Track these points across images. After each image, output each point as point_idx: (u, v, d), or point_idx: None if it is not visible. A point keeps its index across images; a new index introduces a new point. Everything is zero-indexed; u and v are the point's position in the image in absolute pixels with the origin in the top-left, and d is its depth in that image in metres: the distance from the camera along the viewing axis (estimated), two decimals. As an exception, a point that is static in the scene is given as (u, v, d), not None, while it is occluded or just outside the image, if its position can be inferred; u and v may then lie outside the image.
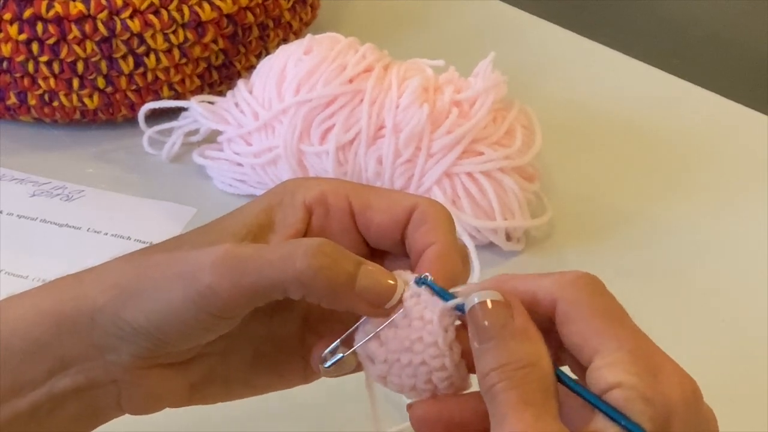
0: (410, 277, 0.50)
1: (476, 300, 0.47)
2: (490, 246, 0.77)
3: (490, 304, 0.47)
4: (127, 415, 0.53)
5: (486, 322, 0.46)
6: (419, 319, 0.49)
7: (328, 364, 0.51)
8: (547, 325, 0.48)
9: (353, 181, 0.54)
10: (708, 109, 0.91)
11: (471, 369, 0.49)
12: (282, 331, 0.54)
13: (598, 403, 0.45)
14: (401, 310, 0.49)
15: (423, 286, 0.49)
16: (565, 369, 0.49)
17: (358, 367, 0.51)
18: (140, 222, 0.79)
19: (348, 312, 0.50)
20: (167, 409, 0.54)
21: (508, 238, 0.77)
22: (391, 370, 0.49)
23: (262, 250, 0.49)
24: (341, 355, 0.51)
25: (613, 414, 0.45)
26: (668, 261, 0.78)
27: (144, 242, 0.78)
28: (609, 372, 0.46)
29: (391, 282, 0.49)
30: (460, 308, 0.49)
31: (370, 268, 0.49)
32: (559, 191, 0.81)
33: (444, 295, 0.49)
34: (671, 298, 0.75)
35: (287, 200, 0.53)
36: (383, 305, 0.49)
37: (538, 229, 0.78)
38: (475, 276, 0.74)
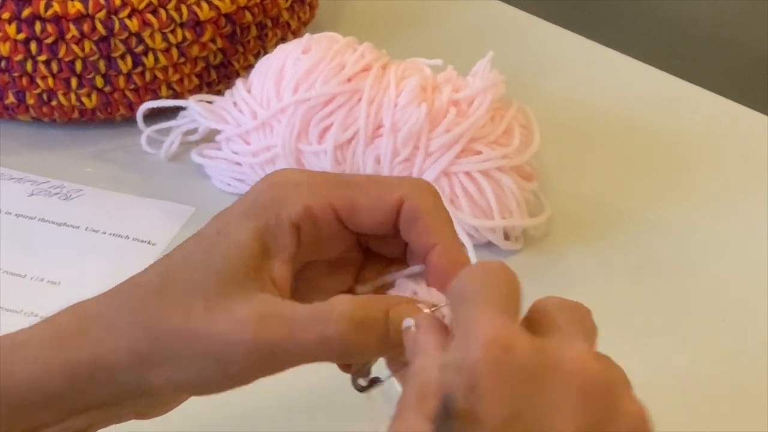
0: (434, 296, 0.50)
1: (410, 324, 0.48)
2: (489, 245, 0.77)
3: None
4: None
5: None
6: None
7: (362, 387, 0.51)
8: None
9: (334, 179, 0.52)
10: (708, 109, 0.91)
11: None
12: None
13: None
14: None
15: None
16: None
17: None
18: (139, 221, 0.79)
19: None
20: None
21: (507, 237, 0.77)
22: None
23: (294, 329, 0.48)
24: (380, 378, 0.51)
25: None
26: (667, 261, 0.78)
27: (142, 241, 0.78)
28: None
29: (416, 309, 0.49)
30: None
31: (398, 309, 0.48)
32: (557, 190, 0.81)
33: None
34: (670, 297, 0.75)
35: (273, 222, 0.50)
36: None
37: (537, 228, 0.78)
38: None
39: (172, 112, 0.84)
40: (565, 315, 0.47)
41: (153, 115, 0.84)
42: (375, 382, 0.50)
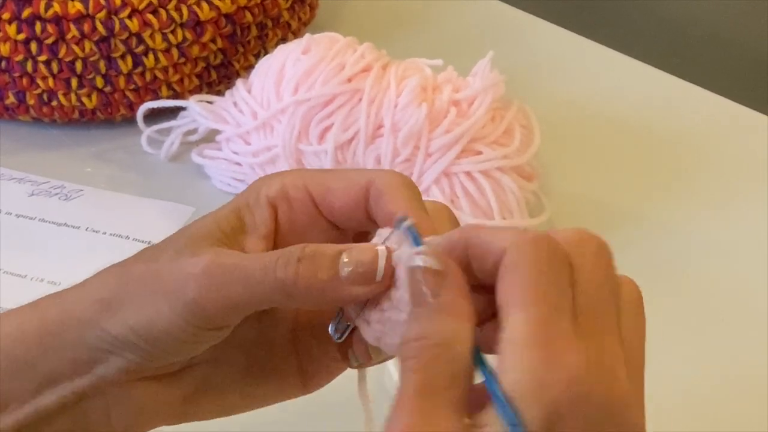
0: (387, 231, 0.49)
1: (419, 263, 0.45)
2: (489, 245, 0.76)
3: (424, 273, 0.45)
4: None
5: (420, 287, 0.45)
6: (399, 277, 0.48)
7: (338, 335, 0.50)
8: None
9: (313, 169, 0.53)
10: (708, 109, 0.91)
11: None
12: (273, 333, 0.53)
13: (496, 399, 0.43)
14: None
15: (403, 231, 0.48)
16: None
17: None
18: (139, 221, 0.79)
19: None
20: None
21: (507, 237, 0.77)
22: (384, 330, 0.49)
23: (245, 260, 0.49)
24: (348, 324, 0.50)
25: (505, 414, 0.42)
26: (667, 261, 0.78)
27: (143, 241, 0.78)
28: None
29: (370, 253, 0.48)
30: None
31: (347, 251, 0.48)
32: (557, 190, 0.81)
33: (418, 242, 0.47)
34: (670, 297, 0.75)
35: (252, 200, 0.52)
36: (374, 281, 0.48)
37: (537, 228, 0.78)
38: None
39: (173, 113, 0.84)
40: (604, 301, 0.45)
41: (153, 116, 0.84)
42: (346, 327, 0.50)
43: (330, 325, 0.51)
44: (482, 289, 0.46)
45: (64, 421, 0.51)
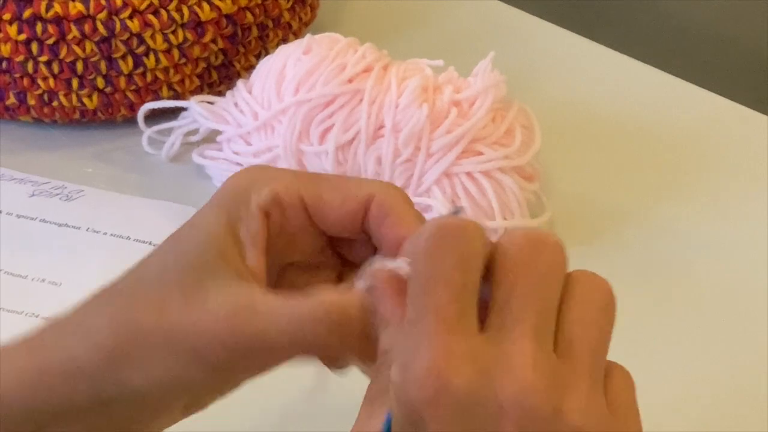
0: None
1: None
2: (490, 246, 0.76)
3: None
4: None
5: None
6: None
7: None
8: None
9: (306, 173, 0.52)
10: (708, 109, 0.91)
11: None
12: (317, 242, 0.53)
13: None
14: None
15: None
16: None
17: None
18: (139, 222, 0.79)
19: None
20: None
21: (508, 237, 0.77)
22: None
23: (270, 322, 0.47)
24: None
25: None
26: (668, 261, 0.78)
27: (143, 242, 0.78)
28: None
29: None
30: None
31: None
32: (558, 191, 0.81)
33: None
34: (671, 297, 0.75)
35: (244, 212, 0.50)
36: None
37: (540, 228, 0.78)
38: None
39: (173, 113, 0.84)
40: (521, 288, 0.43)
41: (154, 116, 0.84)
42: None
43: None
44: None
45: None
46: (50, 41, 0.82)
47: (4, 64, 0.83)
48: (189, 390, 0.49)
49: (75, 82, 0.83)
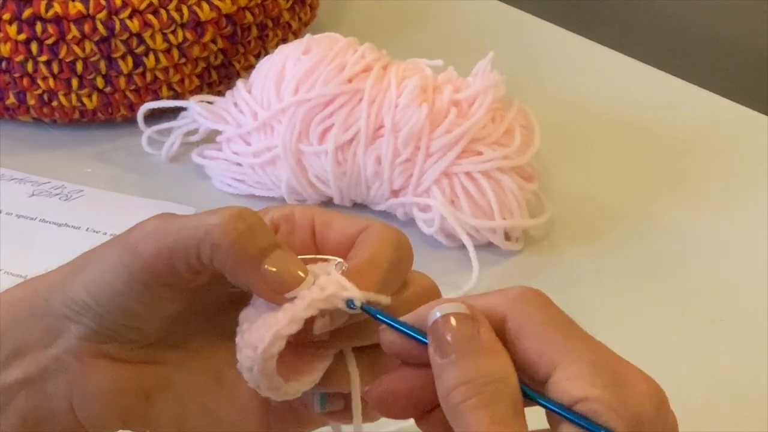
0: (328, 267, 0.50)
1: (438, 314, 0.45)
2: (489, 246, 0.76)
3: (453, 320, 0.45)
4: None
5: (449, 336, 0.45)
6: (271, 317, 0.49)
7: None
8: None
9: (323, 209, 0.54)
10: (708, 109, 0.91)
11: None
12: None
13: (568, 414, 0.43)
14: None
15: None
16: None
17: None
18: (139, 222, 0.79)
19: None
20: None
21: (507, 237, 0.77)
22: (239, 356, 0.49)
23: (191, 214, 0.50)
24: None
25: (585, 423, 0.43)
26: (668, 261, 0.78)
27: (143, 242, 0.78)
28: (571, 386, 0.44)
29: (301, 275, 0.48)
30: (350, 305, 0.48)
31: (284, 253, 0.49)
32: (558, 191, 0.81)
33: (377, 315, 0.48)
34: (670, 297, 0.75)
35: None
36: (283, 293, 0.48)
37: (537, 228, 0.78)
38: (474, 275, 0.74)
39: (173, 113, 0.84)
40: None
41: (153, 116, 0.84)
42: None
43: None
44: None
45: (26, 398, 0.51)
46: (50, 41, 0.82)
47: (3, 64, 0.83)
48: (121, 298, 0.50)
49: (75, 82, 0.83)
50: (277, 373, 0.49)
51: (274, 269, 0.48)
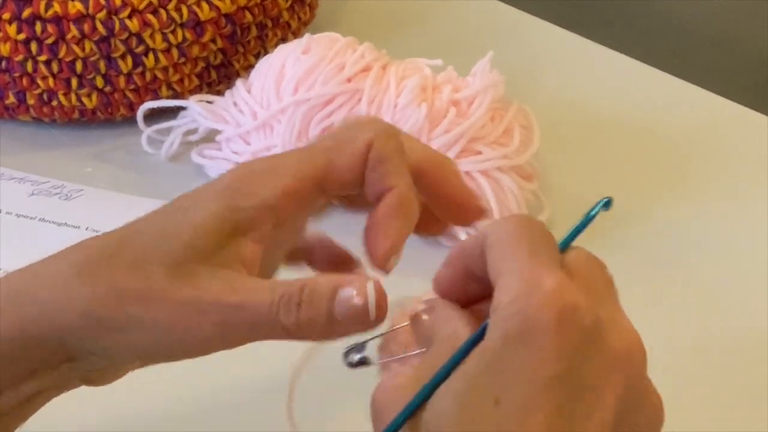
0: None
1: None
2: (489, 245, 0.76)
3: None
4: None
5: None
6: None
7: (354, 363, 0.51)
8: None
9: (306, 153, 0.51)
10: (708, 109, 0.91)
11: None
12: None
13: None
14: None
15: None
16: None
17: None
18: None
19: None
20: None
21: (507, 237, 0.77)
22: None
23: (248, 297, 0.48)
24: (369, 360, 0.50)
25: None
26: (667, 261, 0.78)
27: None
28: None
29: (361, 296, 0.48)
30: None
31: (341, 289, 0.48)
32: (557, 191, 0.81)
33: None
34: (670, 297, 0.75)
35: (246, 203, 0.50)
36: (368, 320, 0.48)
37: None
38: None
39: (173, 113, 0.84)
40: (599, 275, 0.47)
41: (153, 116, 0.84)
42: (363, 362, 0.50)
43: (345, 353, 0.50)
44: None
45: (40, 401, 0.51)
46: (49, 41, 0.82)
47: (3, 64, 0.83)
48: (156, 356, 0.49)
49: (74, 82, 0.83)
50: None
51: (345, 310, 0.48)
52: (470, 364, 0.43)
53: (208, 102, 0.83)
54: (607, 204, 0.49)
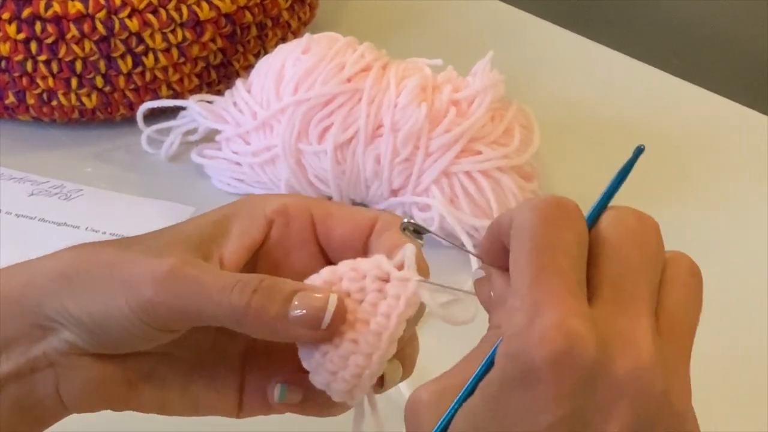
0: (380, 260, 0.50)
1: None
2: (489, 245, 0.76)
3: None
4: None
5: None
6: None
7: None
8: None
9: (317, 198, 0.54)
10: (708, 109, 0.91)
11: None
12: (228, 343, 0.54)
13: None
14: None
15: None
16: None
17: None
18: (138, 221, 0.79)
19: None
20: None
21: (507, 237, 0.77)
22: (330, 378, 0.50)
23: (206, 275, 0.50)
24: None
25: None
26: (667, 261, 0.78)
27: (142, 241, 0.78)
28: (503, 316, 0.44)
29: (320, 300, 0.49)
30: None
31: (302, 292, 0.49)
32: (557, 191, 0.81)
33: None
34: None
35: (246, 211, 0.53)
36: (319, 328, 0.49)
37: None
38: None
39: (172, 112, 0.84)
40: (635, 263, 0.44)
41: (153, 115, 0.84)
42: (418, 230, 0.51)
43: (407, 220, 0.51)
44: None
45: (15, 389, 0.52)
46: (49, 40, 0.82)
47: (3, 64, 0.83)
48: (123, 332, 0.50)
49: (74, 82, 0.83)
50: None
51: (299, 312, 0.49)
52: (475, 402, 0.43)
53: (207, 102, 0.83)
54: (641, 152, 0.47)
